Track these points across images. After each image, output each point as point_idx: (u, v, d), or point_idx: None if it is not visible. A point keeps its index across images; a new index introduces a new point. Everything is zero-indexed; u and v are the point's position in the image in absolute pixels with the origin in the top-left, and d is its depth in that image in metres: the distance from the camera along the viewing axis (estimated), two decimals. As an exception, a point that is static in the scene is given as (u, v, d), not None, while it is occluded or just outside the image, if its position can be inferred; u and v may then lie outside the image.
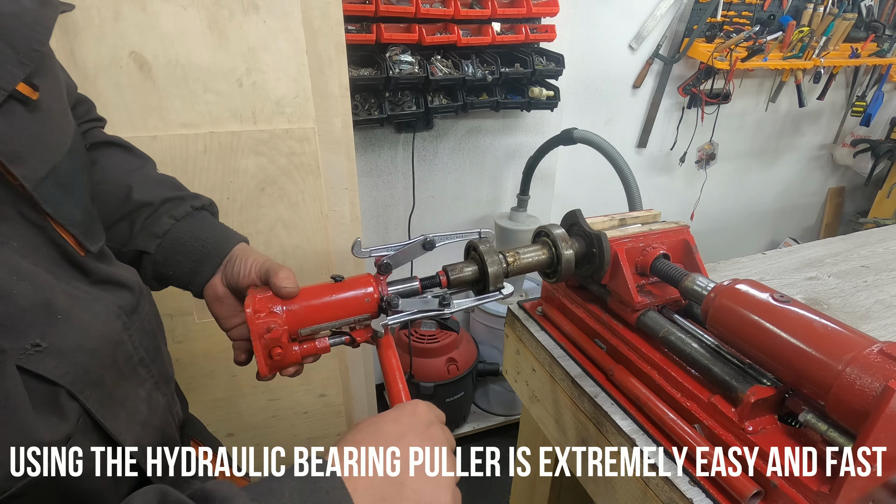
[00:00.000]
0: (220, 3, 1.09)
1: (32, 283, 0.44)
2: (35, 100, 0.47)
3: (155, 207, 0.70)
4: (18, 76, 0.44)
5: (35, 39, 0.46)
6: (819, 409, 0.55)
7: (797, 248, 1.23)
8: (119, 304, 0.54)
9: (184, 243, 0.70)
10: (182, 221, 0.71)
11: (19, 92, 0.45)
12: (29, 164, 0.46)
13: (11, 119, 0.45)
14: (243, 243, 0.74)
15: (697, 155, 2.79)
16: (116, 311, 0.53)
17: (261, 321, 0.60)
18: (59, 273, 0.48)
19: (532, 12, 1.82)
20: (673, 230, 0.78)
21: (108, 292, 0.53)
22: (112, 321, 0.52)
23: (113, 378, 0.52)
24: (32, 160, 0.46)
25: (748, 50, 2.30)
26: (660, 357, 0.71)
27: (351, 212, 1.41)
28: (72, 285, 0.49)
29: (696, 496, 0.59)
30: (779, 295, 0.60)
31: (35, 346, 0.42)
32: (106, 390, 0.50)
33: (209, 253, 0.71)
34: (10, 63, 0.44)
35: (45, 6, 0.49)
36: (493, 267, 0.69)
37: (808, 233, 3.59)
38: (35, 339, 0.42)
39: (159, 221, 0.69)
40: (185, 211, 0.72)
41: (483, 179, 2.28)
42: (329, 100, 1.27)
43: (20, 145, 0.45)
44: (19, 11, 0.46)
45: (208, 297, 0.72)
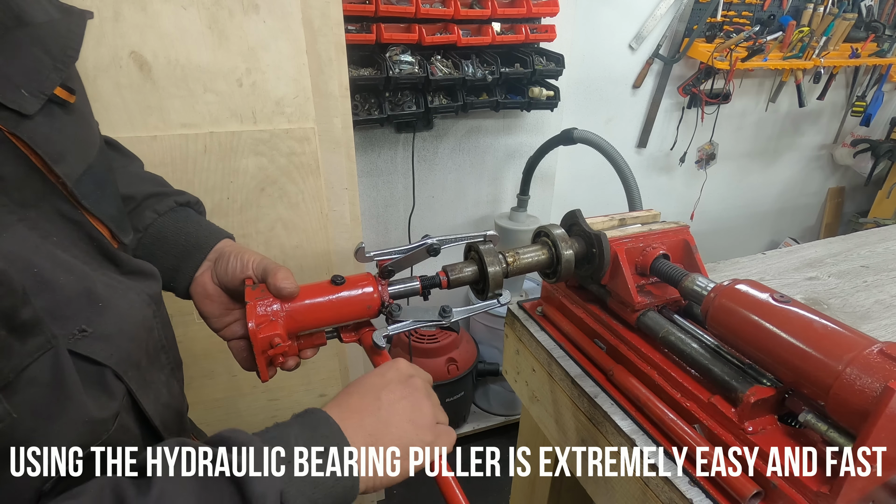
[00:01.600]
0: (220, 3, 1.09)
1: (74, 275, 0.47)
2: (72, 103, 0.50)
3: (137, 202, 0.69)
4: (56, 81, 0.47)
5: (69, 46, 0.49)
6: (819, 409, 0.55)
7: (797, 248, 1.23)
8: (149, 292, 0.57)
9: (166, 238, 0.69)
10: (164, 216, 0.70)
11: (57, 96, 0.48)
12: (69, 163, 0.49)
13: (52, 121, 0.47)
14: (229, 239, 0.73)
15: (697, 155, 2.79)
16: (147, 300, 0.56)
17: (264, 336, 0.59)
18: (94, 265, 0.51)
19: (532, 12, 1.81)
20: (673, 230, 0.78)
21: (139, 282, 0.56)
22: (144, 308, 0.55)
23: (145, 362, 0.55)
24: (71, 159, 0.49)
25: (748, 50, 2.30)
26: (660, 357, 0.71)
27: (351, 212, 1.41)
28: (108, 276, 0.52)
29: (695, 496, 0.59)
30: (779, 295, 0.60)
31: (82, 332, 0.46)
32: (141, 373, 0.54)
33: (192, 248, 0.69)
34: (47, 69, 0.47)
35: (71, 15, 0.52)
36: (493, 267, 0.69)
37: (808, 233, 3.59)
38: (81, 325, 0.46)
39: (141, 215, 0.69)
40: (169, 206, 0.71)
41: (483, 179, 2.28)
42: (329, 100, 1.27)
43: (61, 146, 0.48)
44: (52, 21, 0.49)
45: (197, 295, 0.70)
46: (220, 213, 1.25)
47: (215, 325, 0.71)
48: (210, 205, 1.23)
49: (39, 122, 0.45)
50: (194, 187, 1.21)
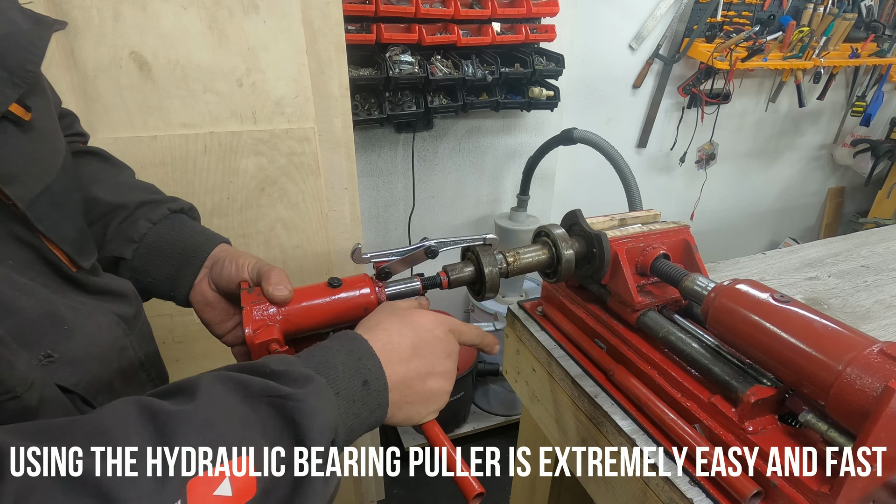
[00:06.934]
0: (220, 3, 1.09)
1: (35, 298, 0.45)
2: (28, 120, 0.47)
3: (130, 211, 0.67)
4: (11, 97, 0.45)
5: (29, 60, 0.47)
6: (819, 409, 0.55)
7: (797, 248, 1.23)
8: (118, 312, 0.55)
9: (161, 247, 0.67)
10: (159, 225, 0.68)
11: (12, 113, 0.45)
12: (22, 184, 0.46)
13: (4, 139, 0.45)
14: (224, 244, 0.72)
15: (697, 155, 2.79)
16: (115, 320, 0.54)
17: (261, 343, 0.59)
18: (55, 288, 0.49)
19: (532, 12, 1.82)
20: (673, 230, 0.78)
21: (106, 303, 0.55)
22: (114, 328, 0.54)
23: (120, 383, 0.53)
24: (25, 179, 0.47)
25: (748, 50, 2.30)
26: (660, 357, 0.71)
27: (351, 212, 1.41)
28: (70, 298, 0.50)
29: (696, 496, 0.59)
30: (779, 295, 0.60)
31: (48, 357, 0.44)
32: (114, 395, 0.51)
33: (189, 256, 0.68)
34: (3, 84, 0.44)
35: (39, 25, 0.49)
36: (489, 268, 0.69)
37: (808, 233, 3.59)
38: (47, 350, 0.44)
39: (135, 225, 0.67)
40: (163, 214, 0.69)
41: (483, 179, 2.28)
42: (329, 100, 1.27)
43: (13, 165, 0.46)
44: (14, 32, 0.46)
45: (197, 304, 0.69)
46: (219, 213, 1.25)
47: (217, 332, 0.70)
48: (210, 205, 1.23)
49: None
50: (194, 187, 1.21)
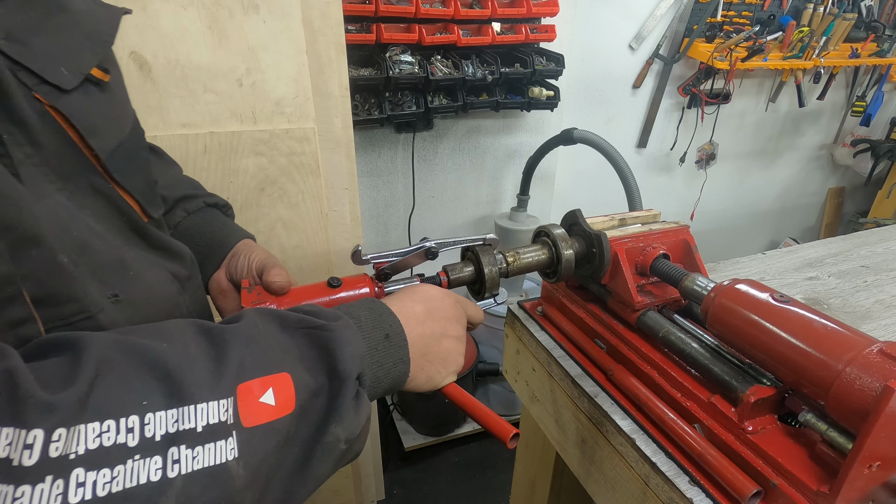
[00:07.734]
0: (220, 3, 1.09)
1: (108, 244, 0.50)
2: (106, 82, 0.53)
3: (171, 204, 0.75)
4: (93, 61, 0.51)
5: (106, 32, 0.53)
6: (819, 409, 0.55)
7: (797, 248, 1.23)
8: (172, 271, 0.59)
9: (192, 236, 0.74)
10: (193, 216, 0.76)
11: (93, 75, 0.51)
12: (102, 137, 0.51)
13: (88, 97, 0.50)
14: (248, 239, 0.77)
15: (697, 155, 2.79)
16: (170, 277, 0.59)
17: None
18: (123, 239, 0.54)
19: (532, 12, 1.82)
20: (673, 230, 0.78)
21: (164, 259, 0.59)
22: (168, 284, 0.58)
23: None
24: (104, 134, 0.52)
25: (748, 50, 2.30)
26: (660, 357, 0.71)
27: (351, 212, 1.41)
28: (134, 251, 0.55)
29: (696, 496, 0.59)
30: (779, 295, 0.60)
31: (114, 296, 0.49)
32: None
33: (215, 247, 0.74)
34: (85, 50, 0.50)
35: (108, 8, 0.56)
36: (489, 268, 0.69)
37: (808, 233, 3.60)
38: (115, 290, 0.49)
39: (172, 214, 0.74)
40: (197, 206, 0.77)
41: (483, 179, 2.28)
42: (329, 100, 1.27)
43: (96, 119, 0.51)
44: (93, 9, 0.53)
45: (213, 292, 0.74)
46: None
47: None
48: (210, 205, 1.23)
49: (76, 98, 0.48)
50: (194, 187, 1.21)
